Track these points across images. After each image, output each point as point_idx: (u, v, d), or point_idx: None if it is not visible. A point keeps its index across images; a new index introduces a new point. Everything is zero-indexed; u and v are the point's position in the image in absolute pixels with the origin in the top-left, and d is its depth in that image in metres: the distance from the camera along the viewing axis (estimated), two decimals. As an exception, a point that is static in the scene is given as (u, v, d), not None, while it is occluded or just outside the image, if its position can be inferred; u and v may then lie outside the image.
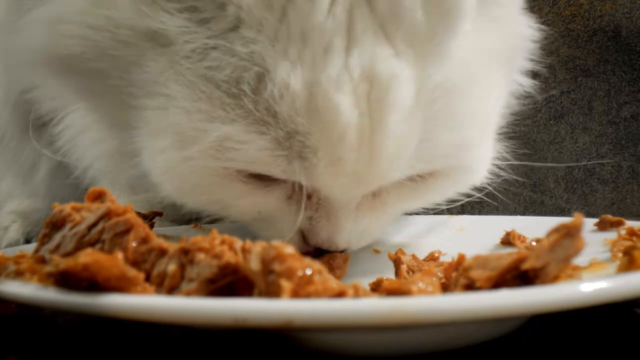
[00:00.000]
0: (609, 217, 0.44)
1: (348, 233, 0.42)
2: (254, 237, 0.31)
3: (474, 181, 0.45)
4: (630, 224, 0.43)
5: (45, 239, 0.32)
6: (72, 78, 0.41)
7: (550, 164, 0.78)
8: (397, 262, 0.42)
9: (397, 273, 0.41)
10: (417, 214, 0.52)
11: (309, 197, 0.40)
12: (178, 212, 0.53)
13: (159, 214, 0.46)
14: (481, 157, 0.43)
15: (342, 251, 0.43)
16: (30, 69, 0.45)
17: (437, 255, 0.45)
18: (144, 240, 0.30)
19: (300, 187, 0.39)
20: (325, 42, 0.35)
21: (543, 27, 0.47)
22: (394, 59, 0.36)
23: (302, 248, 0.43)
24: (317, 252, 0.43)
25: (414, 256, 0.43)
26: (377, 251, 0.49)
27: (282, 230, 0.42)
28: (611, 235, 0.41)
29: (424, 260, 0.44)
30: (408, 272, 0.41)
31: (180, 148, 0.37)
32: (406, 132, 0.37)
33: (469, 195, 0.47)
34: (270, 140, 0.36)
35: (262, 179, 0.39)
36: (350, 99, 0.35)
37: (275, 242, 0.27)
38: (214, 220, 0.54)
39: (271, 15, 0.35)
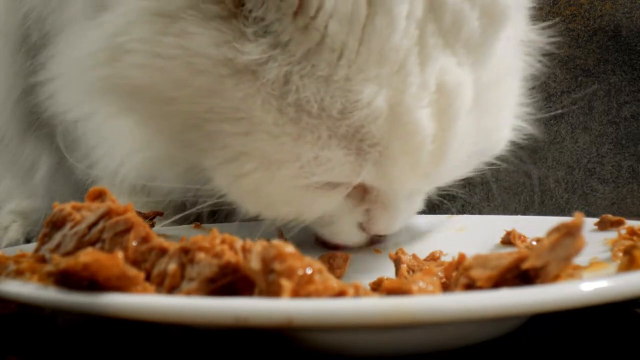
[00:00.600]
0: (609, 216, 0.44)
1: (403, 218, 0.45)
2: (254, 237, 0.31)
3: (497, 151, 0.47)
4: (630, 223, 0.43)
5: (46, 238, 0.32)
6: (134, 106, 0.40)
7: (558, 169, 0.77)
8: (397, 262, 0.42)
9: (398, 273, 0.41)
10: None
11: (368, 191, 0.42)
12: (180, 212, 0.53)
13: (160, 214, 0.46)
14: (506, 131, 0.46)
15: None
16: (78, 98, 0.42)
17: (437, 255, 0.45)
18: (144, 239, 0.30)
19: (362, 184, 0.41)
20: (401, 60, 0.36)
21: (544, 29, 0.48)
22: (457, 67, 0.38)
23: (360, 238, 0.45)
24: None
25: (414, 256, 0.43)
26: (377, 251, 0.49)
27: (342, 225, 0.44)
28: (611, 234, 0.42)
29: (425, 260, 0.44)
30: (408, 272, 0.41)
31: (267, 171, 0.38)
32: (465, 130, 0.40)
33: (491, 164, 0.49)
34: (354, 154, 0.38)
35: (332, 184, 0.40)
36: (428, 112, 0.37)
37: (276, 242, 0.27)
38: (215, 221, 0.54)
39: (352, 38, 0.36)
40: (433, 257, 0.45)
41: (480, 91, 0.40)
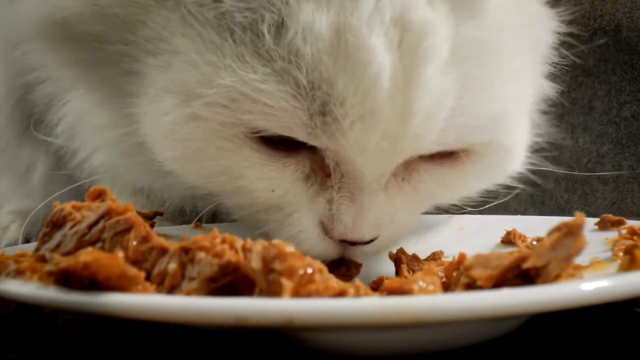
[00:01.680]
0: (610, 216, 0.44)
1: (376, 216, 0.37)
2: (255, 237, 0.31)
3: (512, 167, 0.42)
4: (630, 223, 0.43)
5: (46, 237, 0.32)
6: (71, 46, 0.37)
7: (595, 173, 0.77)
8: (397, 262, 0.42)
9: (398, 272, 0.41)
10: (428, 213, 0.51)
11: (329, 174, 0.37)
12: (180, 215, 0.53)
13: (160, 214, 0.46)
14: (517, 137, 0.40)
15: (370, 241, 0.38)
16: (30, 43, 0.42)
17: (438, 255, 0.45)
18: (145, 239, 0.30)
19: (321, 162, 0.36)
20: None
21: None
22: (427, 6, 0.33)
23: (325, 247, 0.38)
24: (338, 263, 0.39)
25: (414, 256, 0.43)
26: (377, 251, 0.49)
27: (300, 220, 0.38)
28: (612, 234, 0.42)
29: (425, 260, 0.44)
30: (409, 272, 0.41)
31: (185, 104, 0.34)
32: (441, 87, 0.34)
33: (507, 187, 0.44)
34: (289, 89, 0.33)
35: (275, 149, 0.36)
36: (383, 42, 0.32)
37: (276, 241, 0.27)
38: (214, 221, 0.54)
39: None
40: (434, 257, 0.45)
41: (464, 47, 0.34)
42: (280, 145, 0.36)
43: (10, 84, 0.54)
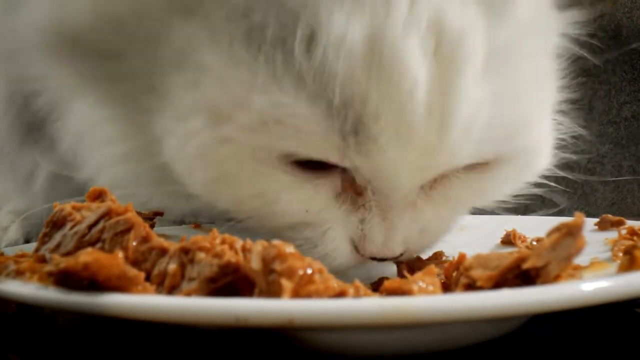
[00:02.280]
0: (610, 216, 0.44)
1: (406, 234, 0.36)
2: (254, 237, 0.31)
3: (540, 165, 0.41)
4: (630, 223, 0.43)
5: (46, 238, 0.32)
6: (82, 62, 0.35)
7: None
8: (397, 262, 0.42)
9: (399, 272, 0.41)
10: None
11: (361, 193, 0.35)
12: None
13: (160, 214, 0.46)
14: (544, 136, 0.39)
15: (400, 255, 0.38)
16: (33, 54, 0.39)
17: (440, 255, 0.45)
18: (145, 239, 0.30)
19: (351, 180, 0.35)
20: None
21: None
22: (461, 9, 0.31)
23: (355, 264, 0.38)
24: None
25: (417, 256, 0.43)
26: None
27: (334, 240, 0.37)
28: (612, 234, 0.42)
29: (427, 260, 0.44)
30: (409, 272, 0.41)
31: (216, 127, 0.32)
32: (478, 97, 0.32)
33: (537, 185, 0.43)
34: (321, 111, 0.31)
35: (308, 170, 0.34)
36: (419, 50, 0.30)
37: (276, 241, 0.27)
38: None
39: None
40: (436, 258, 0.45)
41: (498, 53, 0.32)
42: (312, 166, 0.34)
43: (11, 92, 0.54)
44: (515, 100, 0.34)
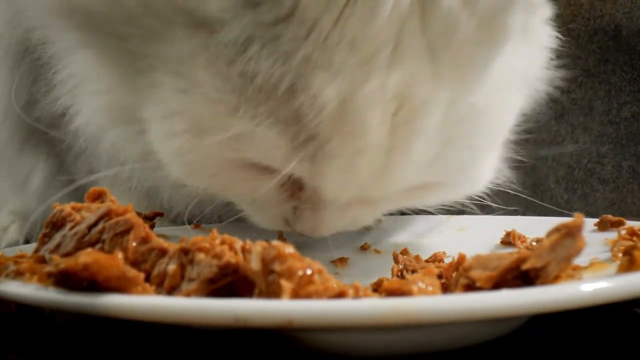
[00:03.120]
0: (610, 217, 0.44)
1: (333, 225, 0.42)
2: (254, 237, 0.31)
3: (473, 192, 0.44)
4: (630, 223, 0.43)
5: (46, 238, 0.32)
6: (89, 34, 0.38)
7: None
8: (396, 262, 0.42)
9: (394, 273, 0.41)
10: (416, 213, 0.52)
11: (302, 189, 0.40)
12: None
13: (160, 214, 0.46)
14: (485, 171, 0.42)
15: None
16: (42, 18, 0.41)
17: (440, 256, 0.45)
18: (144, 240, 0.30)
19: (298, 179, 0.39)
20: (371, 53, 0.33)
21: (560, 36, 0.46)
22: (431, 82, 0.34)
23: (283, 228, 0.44)
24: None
25: (417, 257, 0.43)
26: (377, 251, 0.49)
27: (267, 215, 0.43)
28: (611, 235, 0.41)
29: (427, 260, 0.44)
30: (408, 272, 0.41)
31: (195, 135, 0.36)
32: (423, 155, 0.36)
33: (471, 200, 0.46)
34: (288, 140, 0.35)
35: (264, 169, 0.38)
36: (378, 117, 0.34)
37: (276, 242, 0.27)
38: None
39: (327, 16, 0.32)
40: (436, 258, 0.45)
41: (457, 116, 0.36)
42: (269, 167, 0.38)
43: (14, 91, 0.54)
44: (462, 149, 0.38)
